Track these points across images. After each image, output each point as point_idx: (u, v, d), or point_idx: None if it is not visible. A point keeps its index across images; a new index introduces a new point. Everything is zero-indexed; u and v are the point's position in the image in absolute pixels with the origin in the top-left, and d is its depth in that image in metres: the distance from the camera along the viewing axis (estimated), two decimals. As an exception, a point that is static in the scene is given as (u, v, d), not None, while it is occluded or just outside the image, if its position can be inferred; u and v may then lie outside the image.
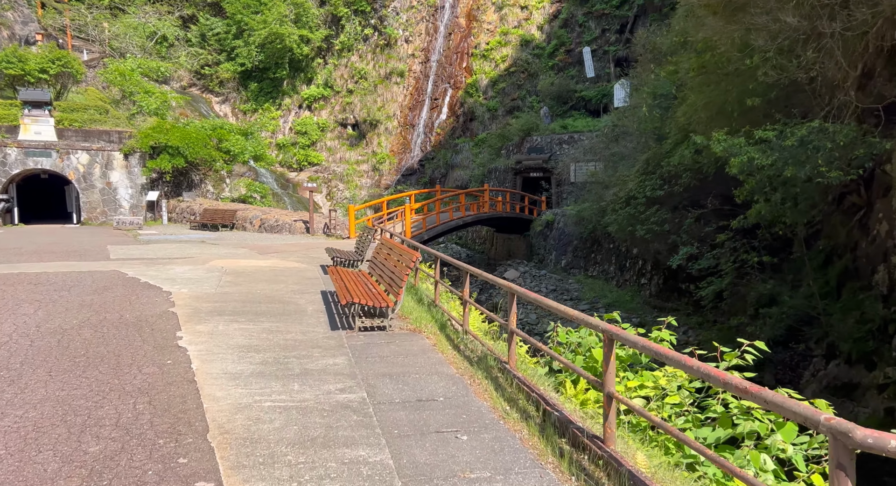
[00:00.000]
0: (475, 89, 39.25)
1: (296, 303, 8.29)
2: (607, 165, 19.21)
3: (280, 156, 42.34)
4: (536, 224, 25.59)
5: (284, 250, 16.06)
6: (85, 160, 26.80)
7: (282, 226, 22.67)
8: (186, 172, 28.81)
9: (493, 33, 39.78)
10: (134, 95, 31.82)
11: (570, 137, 28.53)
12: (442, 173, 39.40)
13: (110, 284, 9.35)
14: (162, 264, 11.92)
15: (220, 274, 10.79)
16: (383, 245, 8.84)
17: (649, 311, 16.00)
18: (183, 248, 15.91)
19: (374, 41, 43.41)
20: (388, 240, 8.58)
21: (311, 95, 43.93)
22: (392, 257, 7.89)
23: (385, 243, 8.76)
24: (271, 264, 12.68)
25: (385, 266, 8.01)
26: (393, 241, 8.31)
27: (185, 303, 7.89)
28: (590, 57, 34.13)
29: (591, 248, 20.78)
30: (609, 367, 3.22)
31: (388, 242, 8.54)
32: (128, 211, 27.65)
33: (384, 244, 8.80)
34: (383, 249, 8.66)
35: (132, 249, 15.42)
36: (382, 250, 8.64)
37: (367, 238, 11.89)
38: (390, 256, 8.02)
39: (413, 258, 6.69)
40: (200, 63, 44.13)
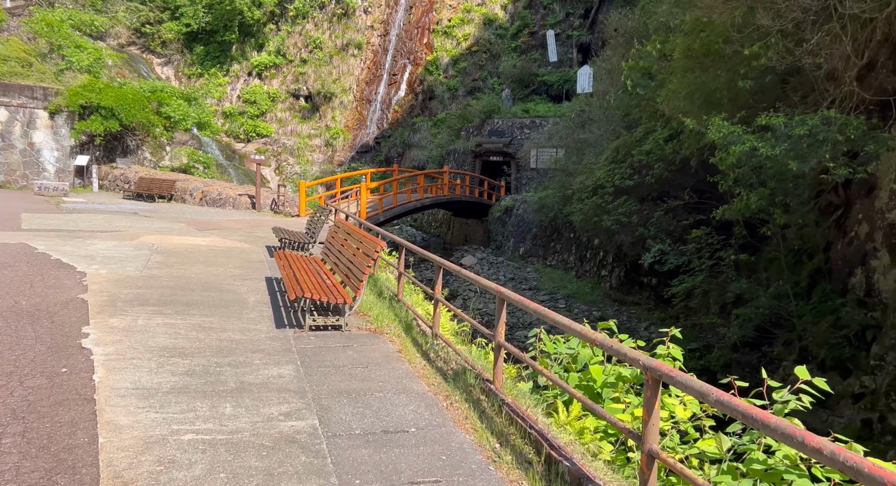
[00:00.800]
0: (435, 67, 37.99)
1: (235, 291, 7.19)
2: (572, 152, 18.61)
3: (227, 125, 40.01)
4: (495, 210, 24.89)
5: (227, 226, 14.71)
6: (3, 117, 24.23)
7: (225, 200, 21.10)
8: (121, 137, 26.56)
9: (456, 10, 38.50)
10: (63, 50, 29.01)
11: (532, 122, 27.86)
12: (399, 152, 38.14)
13: (13, 259, 7.96)
14: (82, 239, 10.47)
15: (150, 253, 9.49)
16: (339, 228, 7.81)
17: (610, 304, 15.57)
18: (111, 219, 14.32)
19: (331, 9, 41.34)
20: (345, 223, 7.56)
21: (261, 63, 41.57)
22: (350, 243, 6.89)
23: (341, 225, 7.73)
24: (210, 242, 11.41)
25: (342, 254, 7.00)
26: (350, 224, 7.29)
27: (102, 288, 6.67)
28: (553, 41, 33.44)
29: (551, 236, 20.23)
30: (652, 417, 2.41)
31: (346, 225, 7.52)
32: (53, 175, 25.29)
33: (340, 227, 7.78)
34: (339, 232, 7.63)
35: (51, 218, 13.73)
36: (339, 233, 7.62)
37: (319, 218, 10.79)
38: (347, 242, 7.02)
39: (376, 247, 5.72)
40: (141, 20, 40.95)
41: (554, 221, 19.71)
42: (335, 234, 7.83)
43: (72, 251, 8.95)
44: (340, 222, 7.82)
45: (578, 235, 18.25)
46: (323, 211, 10.93)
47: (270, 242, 12.20)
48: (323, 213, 10.86)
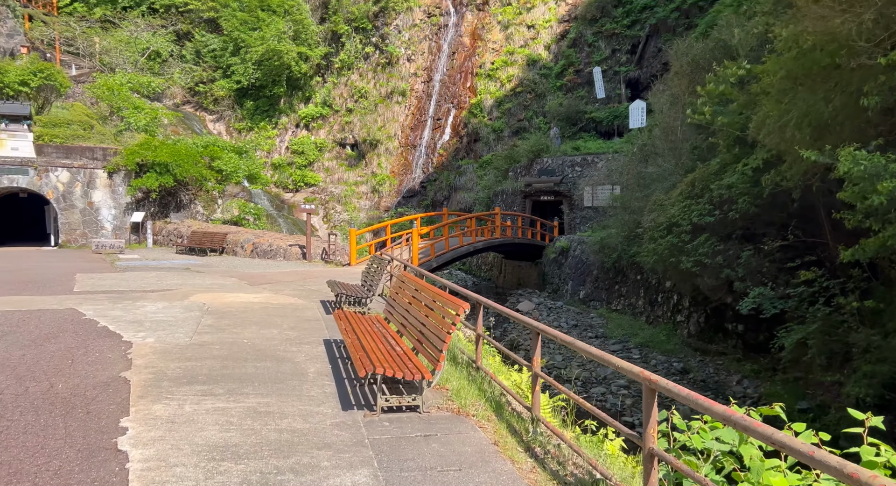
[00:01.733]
0: (479, 110, 37.83)
1: (293, 360, 6.39)
2: (633, 188, 17.53)
3: (275, 176, 40.64)
4: (550, 251, 23.81)
5: (279, 279, 14.16)
6: (65, 178, 24.95)
7: (276, 251, 20.79)
8: (175, 192, 26.97)
9: (499, 53, 38.52)
10: (122, 111, 30.11)
11: (584, 159, 26.95)
12: (444, 196, 37.74)
13: (58, 329, 7.42)
14: (132, 300, 9.99)
15: (200, 314, 8.88)
16: (404, 283, 6.99)
17: (690, 353, 14.14)
18: (163, 277, 13.99)
19: (376, 59, 42.09)
20: (411, 277, 6.72)
21: (308, 114, 42.41)
22: (420, 301, 6.04)
23: (406, 280, 6.90)
24: (263, 299, 10.78)
25: (410, 313, 6.14)
26: (417, 279, 6.44)
27: (147, 362, 5.98)
28: (600, 77, 32.81)
29: (615, 279, 18.97)
30: None
31: (411, 279, 6.69)
32: (110, 233, 25.72)
33: (405, 282, 6.95)
34: (405, 288, 6.80)
35: (104, 278, 13.48)
36: (404, 289, 6.78)
37: (376, 270, 10.03)
38: (416, 299, 6.18)
39: (457, 310, 4.83)
40: (195, 80, 42.63)
41: (618, 263, 18.50)
42: (399, 289, 7.00)
43: (120, 316, 8.41)
44: (405, 277, 7.00)
45: (647, 277, 16.97)
46: (379, 262, 10.18)
47: (325, 295, 11.51)
48: (379, 264, 10.11)
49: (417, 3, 41.27)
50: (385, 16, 41.60)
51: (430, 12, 41.23)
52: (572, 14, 36.99)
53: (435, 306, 5.48)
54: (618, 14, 34.84)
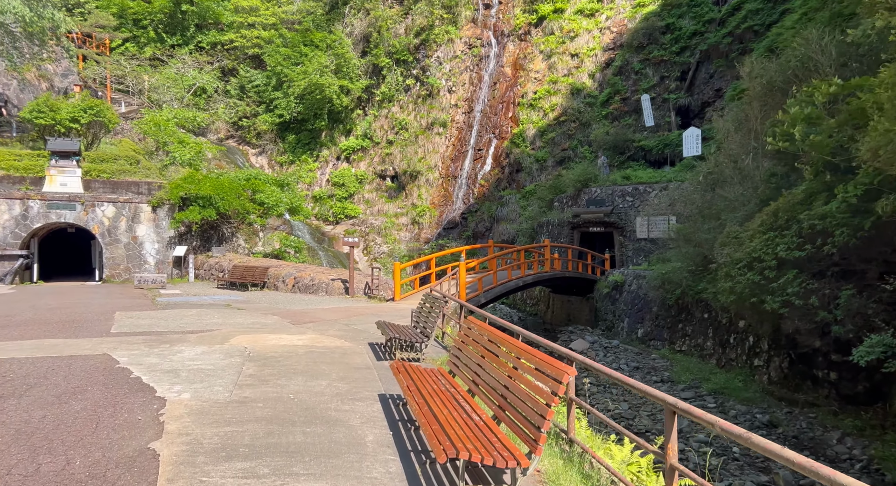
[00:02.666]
0: (522, 139, 37.14)
1: (347, 423, 5.45)
2: (697, 219, 16.28)
3: (316, 208, 40.59)
4: (602, 285, 22.52)
5: (322, 318, 13.37)
6: (111, 213, 25.05)
7: (318, 286, 20.13)
8: (217, 226, 26.83)
9: (541, 82, 37.96)
10: (168, 146, 30.48)
11: (635, 189, 25.76)
12: (486, 227, 36.89)
13: (87, 381, 6.69)
14: (169, 344, 9.28)
15: (241, 361, 8.07)
16: (472, 330, 6.02)
17: (774, 403, 12.64)
18: (203, 315, 13.36)
19: (416, 91, 42.08)
20: (484, 326, 5.74)
21: (349, 147, 42.52)
22: (495, 354, 5.06)
23: (475, 327, 5.93)
24: (307, 341, 9.95)
25: (484, 369, 5.15)
26: (493, 329, 5.46)
27: (182, 427, 5.13)
28: (649, 105, 31.77)
29: (678, 317, 17.57)
30: None
31: (483, 328, 5.71)
32: (153, 267, 25.61)
33: (473, 329, 5.98)
34: (473, 336, 5.83)
35: (143, 317, 12.92)
36: (472, 337, 5.80)
37: (430, 309, 9.09)
38: (491, 353, 5.20)
39: (561, 377, 3.83)
40: (238, 115, 43.39)
41: (681, 300, 17.13)
42: (468, 338, 6.02)
43: (155, 364, 7.65)
44: (474, 324, 6.02)
45: (716, 315, 15.56)
46: (433, 301, 9.24)
47: (372, 336, 10.62)
48: (433, 303, 9.17)
49: (458, 34, 41.30)
50: (426, 48, 41.72)
51: (471, 44, 41.16)
52: (617, 42, 36.28)
53: (522, 366, 4.49)
54: (666, 41, 33.94)
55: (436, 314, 8.63)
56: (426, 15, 41.72)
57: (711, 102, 31.47)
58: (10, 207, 23.62)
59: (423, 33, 41.81)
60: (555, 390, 3.73)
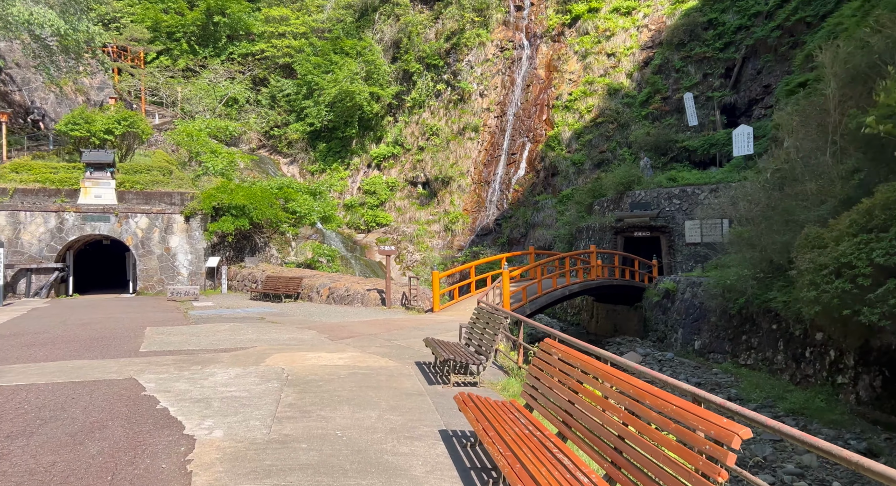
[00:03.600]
0: (557, 142, 35.99)
1: (408, 472, 4.52)
2: (760, 221, 14.96)
3: (347, 217, 40.07)
4: (652, 293, 21.22)
5: (361, 331, 12.51)
6: (144, 224, 24.78)
7: (353, 296, 19.36)
8: (250, 236, 26.37)
9: (577, 83, 36.81)
10: (200, 156, 30.27)
11: (683, 191, 24.41)
12: (521, 233, 35.79)
13: (109, 414, 5.91)
14: (201, 365, 8.52)
15: (279, 386, 7.23)
16: (551, 355, 5.04)
17: (867, 427, 11.27)
18: (236, 330, 12.64)
19: (447, 96, 41.33)
20: (570, 353, 4.75)
21: (380, 154, 41.95)
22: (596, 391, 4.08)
23: (556, 352, 4.95)
24: (349, 360, 9.08)
25: (578, 408, 4.17)
26: (586, 358, 4.46)
27: (212, 479, 4.26)
28: (692, 104, 30.35)
29: (741, 327, 16.23)
30: None
31: (573, 356, 4.72)
32: (186, 279, 25.23)
33: (554, 354, 5.00)
34: (557, 365, 4.84)
35: (174, 333, 12.25)
36: (561, 372, 4.81)
37: (486, 325, 8.13)
38: (589, 388, 4.21)
39: (728, 440, 2.78)
40: (269, 124, 43.26)
41: (745, 309, 15.80)
42: (547, 365, 5.04)
43: (184, 391, 6.85)
44: (556, 349, 5.03)
45: (788, 326, 14.21)
46: (490, 317, 8.27)
47: (418, 354, 9.70)
48: (490, 319, 8.20)
49: (489, 37, 40.46)
50: (457, 52, 40.99)
51: (502, 46, 40.27)
52: (656, 40, 34.95)
53: (643, 412, 3.49)
54: (708, 37, 32.50)
55: (492, 332, 7.65)
56: (457, 19, 41.02)
57: (760, 100, 29.91)
58: (45, 220, 23.52)
59: (453, 37, 41.10)
60: (715, 457, 2.72)
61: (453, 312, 16.85)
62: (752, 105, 30.26)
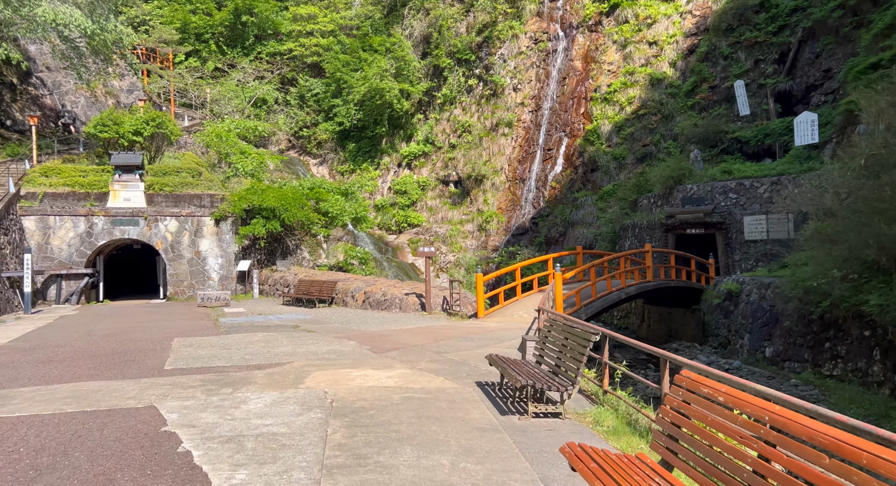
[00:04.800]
0: (596, 136, 34.36)
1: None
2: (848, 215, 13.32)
3: (378, 218, 39.07)
4: (711, 295, 19.59)
5: (405, 342, 11.30)
6: (173, 228, 24.06)
7: (391, 301, 18.20)
8: (281, 238, 25.48)
9: (616, 74, 35.12)
10: (230, 157, 29.55)
11: (740, 185, 22.67)
12: (559, 232, 34.25)
13: (118, 462, 4.78)
14: (232, 388, 7.40)
15: (324, 418, 6.05)
16: (705, 399, 3.72)
17: None
18: (271, 341, 11.57)
19: (479, 92, 40.02)
20: (738, 397, 3.44)
21: (411, 153, 40.86)
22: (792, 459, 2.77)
23: (728, 399, 3.64)
24: (399, 380, 7.88)
25: (760, 481, 2.85)
26: (771, 406, 3.14)
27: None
28: (743, 92, 28.46)
29: (825, 334, 14.56)
30: None
31: (743, 402, 3.41)
32: (217, 283, 24.45)
33: (711, 399, 3.68)
34: (717, 411, 3.53)
35: (203, 344, 11.23)
36: (723, 424, 3.50)
37: (568, 343, 6.82)
38: (778, 452, 2.90)
39: None
40: (298, 125, 42.55)
41: (829, 313, 14.14)
42: (696, 411, 3.72)
43: (212, 426, 5.71)
44: (711, 390, 3.71)
45: (886, 333, 12.55)
46: (569, 332, 6.95)
47: (474, 369, 8.44)
48: (570, 335, 6.87)
49: (523, 29, 39.01)
50: (489, 46, 39.65)
51: (536, 38, 38.78)
52: (701, 26, 33.06)
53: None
54: (760, 21, 30.52)
55: (577, 351, 6.32)
56: (488, 11, 39.68)
57: (819, 85, 27.86)
58: (74, 225, 22.96)
59: (485, 30, 39.77)
60: None
61: (500, 317, 15.56)
62: (810, 92, 28.22)
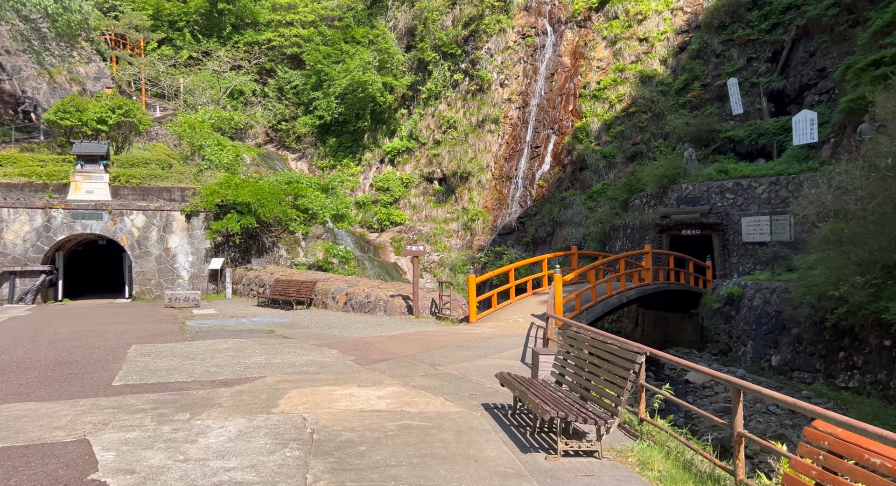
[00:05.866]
0: (585, 134, 33.48)
1: None
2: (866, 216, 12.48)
3: (359, 215, 37.68)
4: (710, 299, 18.73)
5: (395, 351, 10.08)
6: (140, 223, 22.46)
7: (374, 304, 16.94)
8: (257, 235, 24.02)
9: (605, 71, 34.27)
10: (203, 149, 27.93)
11: (737, 185, 21.90)
12: (547, 232, 33.29)
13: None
14: (191, 411, 6.13)
15: (303, 456, 4.82)
16: (857, 461, 2.58)
17: None
18: (242, 349, 10.26)
19: (465, 87, 38.89)
20: (877, 451, 2.33)
21: (394, 149, 39.54)
22: None
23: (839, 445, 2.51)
24: (392, 400, 6.67)
25: None
26: None
27: None
28: (737, 90, 27.78)
29: (839, 342, 13.71)
30: None
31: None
32: (187, 282, 22.91)
33: (865, 459, 2.55)
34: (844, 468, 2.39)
35: (164, 353, 9.88)
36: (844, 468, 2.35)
37: (605, 364, 5.69)
38: None
39: None
40: (277, 118, 40.91)
41: (845, 321, 13.28)
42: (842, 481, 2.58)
43: (158, 470, 4.44)
44: (861, 447, 2.58)
45: (908, 342, 11.71)
46: (601, 349, 5.82)
47: (477, 386, 7.27)
48: (605, 353, 5.74)
49: (510, 24, 37.97)
50: (475, 40, 38.53)
51: (524, 33, 37.78)
52: (692, 23, 32.37)
53: None
54: (752, 18, 29.89)
55: (618, 374, 5.18)
56: (475, 3, 38.57)
57: (812, 85, 27.29)
58: (31, 218, 21.24)
59: (471, 24, 38.65)
60: None
61: (494, 323, 14.42)
62: (804, 91, 27.65)
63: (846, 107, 20.92)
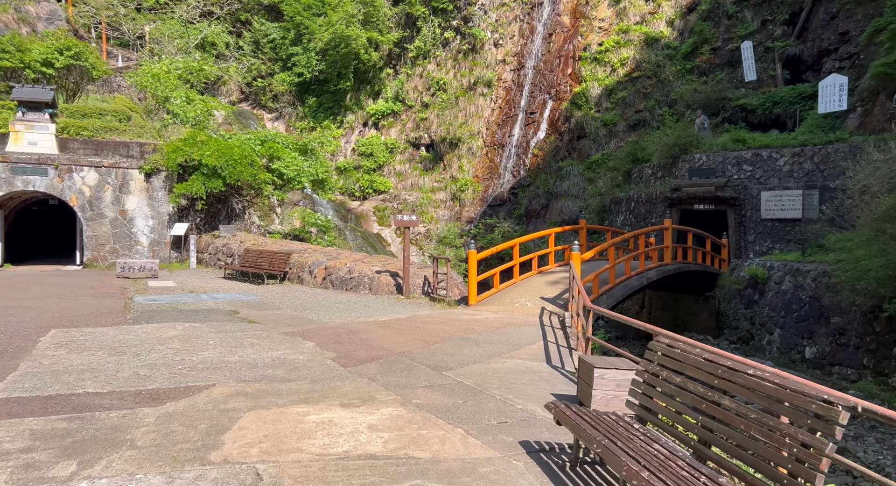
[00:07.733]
0: (584, 100, 31.23)
1: None
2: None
3: (341, 182, 35.19)
4: (729, 281, 16.96)
5: (386, 346, 7.99)
6: (92, 181, 19.85)
7: (358, 280, 14.80)
8: (225, 199, 21.56)
9: (608, 32, 31.88)
10: (169, 102, 25.09)
11: (756, 156, 20.03)
12: (541, 204, 31.27)
13: None
14: (80, 458, 3.99)
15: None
16: None
17: None
18: (191, 340, 8.09)
19: (456, 46, 36.17)
20: None
21: (378, 111, 36.85)
22: None
23: None
24: (390, 433, 4.61)
25: None
26: None
27: None
28: (751, 54, 25.68)
29: (891, 335, 12.00)
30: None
31: None
32: (147, 249, 20.47)
33: None
34: None
35: (89, 342, 7.66)
36: None
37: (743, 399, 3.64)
38: None
39: None
40: (252, 74, 37.78)
41: (901, 310, 11.53)
42: None
43: None
44: None
45: None
46: (743, 384, 3.79)
47: (507, 407, 5.22)
48: (770, 399, 3.71)
49: (507, -23, 35.18)
50: (469, -7, 35.69)
51: (522, -12, 35.04)
52: (704, -19, 30.01)
53: None
54: (771, -25, 27.67)
55: (792, 437, 3.15)
56: (470, -46, 35.57)
57: (833, 50, 25.29)
58: (-38, 173, 18.51)
59: (466, -24, 35.73)
60: None
61: (497, 306, 12.40)
62: (823, 57, 25.65)
63: (881, 71, 19.03)
